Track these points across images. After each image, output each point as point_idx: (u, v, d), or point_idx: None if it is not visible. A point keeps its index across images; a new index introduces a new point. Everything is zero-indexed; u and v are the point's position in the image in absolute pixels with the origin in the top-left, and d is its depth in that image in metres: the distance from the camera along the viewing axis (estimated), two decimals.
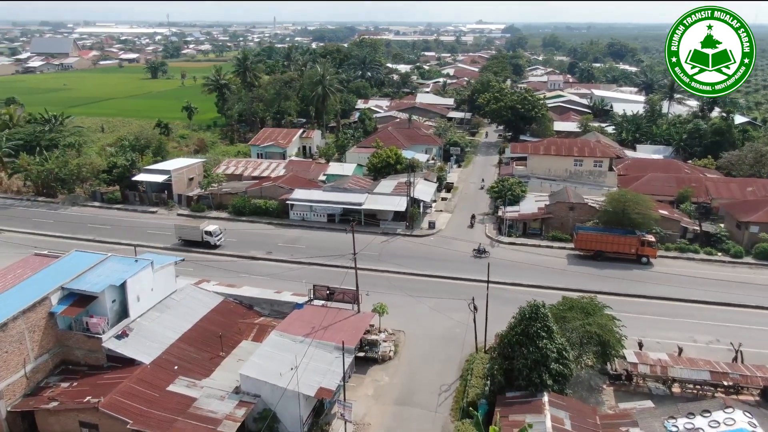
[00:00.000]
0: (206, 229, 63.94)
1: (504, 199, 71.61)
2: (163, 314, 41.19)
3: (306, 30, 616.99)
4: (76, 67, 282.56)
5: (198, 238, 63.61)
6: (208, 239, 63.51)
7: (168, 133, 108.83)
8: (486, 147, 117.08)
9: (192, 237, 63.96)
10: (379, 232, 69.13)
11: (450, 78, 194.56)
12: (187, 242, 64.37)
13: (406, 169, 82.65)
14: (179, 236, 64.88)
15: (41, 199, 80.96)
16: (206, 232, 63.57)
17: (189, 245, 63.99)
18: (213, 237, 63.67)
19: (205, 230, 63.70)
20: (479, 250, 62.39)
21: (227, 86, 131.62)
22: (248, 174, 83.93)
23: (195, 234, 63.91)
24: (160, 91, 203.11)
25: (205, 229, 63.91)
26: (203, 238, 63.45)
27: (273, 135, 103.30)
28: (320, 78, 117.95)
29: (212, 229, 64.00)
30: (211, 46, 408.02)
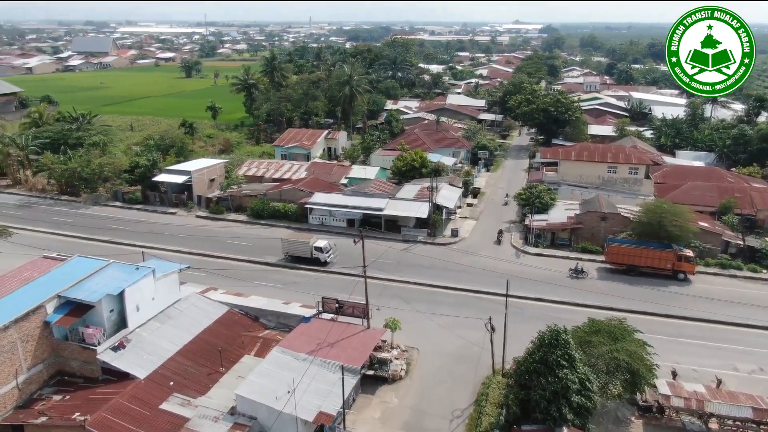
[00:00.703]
0: (316, 244, 59.17)
1: (531, 207, 68.15)
2: (164, 325, 39.51)
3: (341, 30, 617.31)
4: (114, 66, 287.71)
5: (307, 254, 59.15)
6: (317, 255, 58.85)
7: (192, 133, 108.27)
8: (517, 150, 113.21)
9: (300, 253, 59.45)
10: (400, 239, 66.56)
11: (483, 79, 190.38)
12: (294, 258, 59.95)
13: (432, 173, 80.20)
14: (286, 251, 60.20)
15: (64, 198, 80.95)
16: (316, 248, 58.91)
17: (296, 261, 59.69)
18: (323, 253, 58.91)
19: (315, 246, 58.98)
20: (576, 270, 57.20)
21: (255, 86, 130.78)
22: (269, 176, 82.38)
23: (304, 249, 59.33)
24: (193, 90, 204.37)
25: (315, 244, 59.13)
26: (312, 254, 58.98)
27: (298, 136, 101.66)
28: (348, 78, 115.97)
29: (323, 245, 59.20)
30: (247, 46, 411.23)
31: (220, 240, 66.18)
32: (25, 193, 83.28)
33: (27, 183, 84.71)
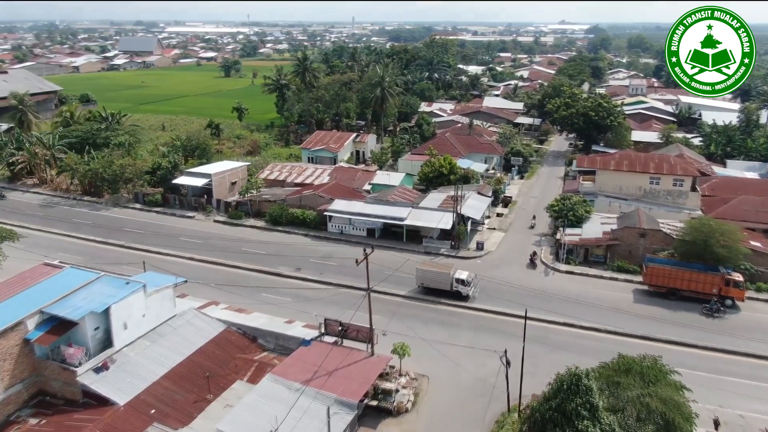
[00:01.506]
0: (458, 276, 52.12)
1: (564, 220, 63.44)
2: (153, 344, 37.02)
3: (383, 30, 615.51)
4: (157, 65, 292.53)
5: (446, 286, 52.15)
6: (459, 288, 51.84)
7: (219, 134, 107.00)
8: (554, 157, 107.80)
9: (438, 285, 52.41)
10: (421, 251, 62.88)
11: (523, 80, 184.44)
12: (430, 290, 53.04)
13: (460, 180, 76.35)
14: (421, 282, 53.29)
15: (86, 199, 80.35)
16: (457, 280, 51.89)
17: (432, 293, 52.74)
18: (466, 286, 51.91)
19: (456, 277, 52.03)
20: (713, 305, 49.64)
21: (287, 86, 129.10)
22: (291, 180, 79.85)
23: (442, 281, 52.40)
24: (230, 90, 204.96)
25: (457, 276, 52.14)
26: (453, 287, 52.09)
27: (325, 138, 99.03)
28: (379, 79, 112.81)
29: (465, 277, 52.12)
30: (288, 46, 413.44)
31: (234, 247, 63.81)
32: (50, 192, 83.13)
33: (52, 183, 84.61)
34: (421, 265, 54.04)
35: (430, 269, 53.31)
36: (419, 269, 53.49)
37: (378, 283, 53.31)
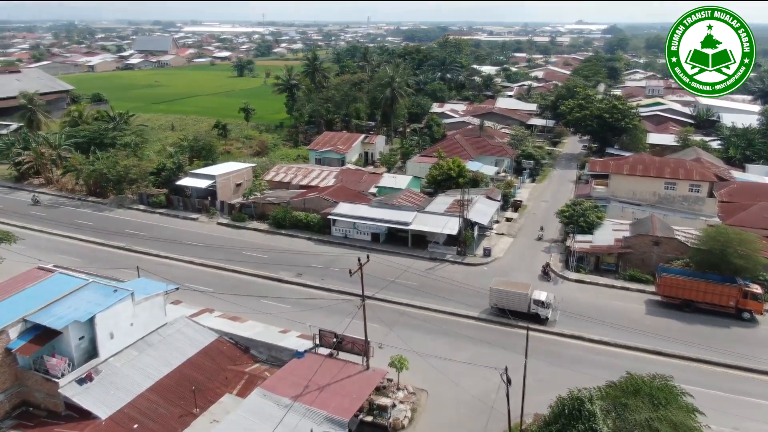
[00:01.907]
0: (536, 297, 47.94)
1: (574, 226, 61.33)
2: (141, 354, 35.76)
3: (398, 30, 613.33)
4: (171, 65, 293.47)
5: (523, 307, 47.80)
6: (537, 310, 47.71)
7: (226, 135, 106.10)
8: (567, 160, 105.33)
9: (514, 306, 47.85)
10: (426, 257, 61.18)
11: (537, 81, 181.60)
12: (504, 311, 48.17)
13: (469, 183, 74.56)
14: (495, 303, 49.08)
15: (91, 199, 79.72)
16: (536, 302, 47.74)
17: (506, 315, 47.66)
18: (545, 308, 47.62)
19: (534, 299, 47.94)
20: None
21: (297, 86, 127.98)
22: (297, 182, 78.52)
23: (519, 302, 48.02)
24: (243, 89, 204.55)
25: (535, 297, 47.97)
26: (530, 309, 47.90)
27: (333, 140, 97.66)
28: (389, 80, 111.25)
29: (544, 299, 47.86)
30: (303, 45, 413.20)
31: (236, 250, 62.56)
32: (55, 192, 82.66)
33: (57, 183, 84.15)
34: (496, 285, 49.23)
35: (505, 289, 48.62)
36: (493, 289, 48.84)
37: (379, 290, 51.86)
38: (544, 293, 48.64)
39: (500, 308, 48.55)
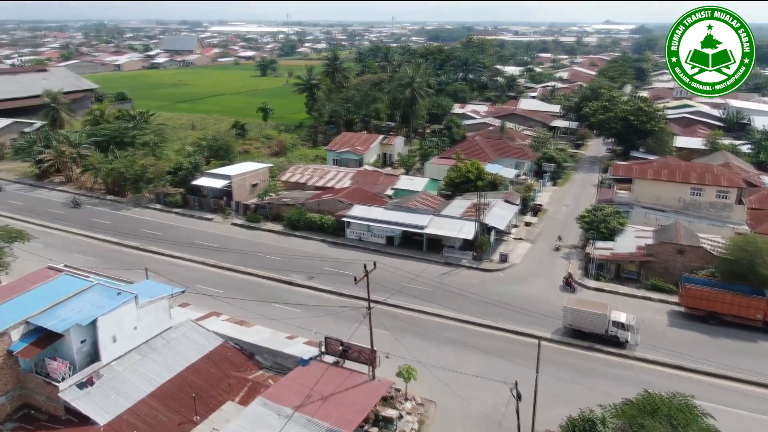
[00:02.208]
0: (615, 318, 44.30)
1: (595, 233, 59.43)
2: (144, 358, 35.23)
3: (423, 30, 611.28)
4: (196, 64, 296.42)
5: (600, 329, 44.36)
6: (616, 333, 43.99)
7: (244, 134, 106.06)
8: (590, 163, 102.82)
9: (590, 327, 44.61)
10: (441, 261, 59.87)
11: (562, 82, 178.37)
12: (579, 332, 45.36)
13: (488, 186, 73.07)
14: (569, 323, 45.58)
15: (109, 198, 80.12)
16: (615, 323, 44.08)
17: (582, 337, 45.08)
18: (625, 331, 43.83)
19: (613, 320, 44.26)
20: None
21: (317, 86, 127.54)
22: (312, 183, 77.84)
23: (596, 323, 44.41)
24: (265, 89, 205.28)
25: (614, 318, 44.31)
26: (608, 331, 44.28)
27: (351, 140, 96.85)
28: (409, 80, 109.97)
29: (625, 320, 44.14)
30: (327, 45, 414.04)
31: (249, 252, 62.03)
32: (75, 191, 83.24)
33: (77, 181, 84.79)
34: (570, 304, 45.87)
35: (581, 309, 45.01)
36: (567, 308, 45.43)
37: (391, 295, 50.89)
38: (623, 314, 44.82)
39: (576, 329, 45.26)
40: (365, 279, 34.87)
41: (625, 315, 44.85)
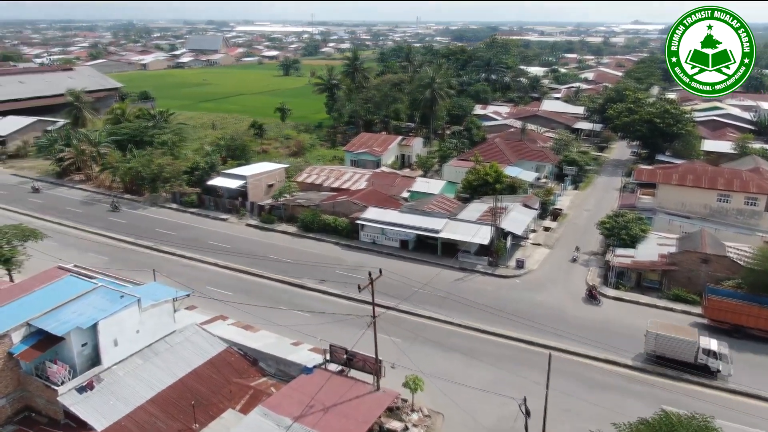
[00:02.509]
0: (705, 345, 40.46)
1: (615, 239, 57.52)
2: (146, 362, 34.71)
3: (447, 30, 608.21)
4: (220, 63, 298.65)
5: (688, 357, 40.66)
6: (706, 362, 40.19)
7: (261, 134, 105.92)
8: (614, 166, 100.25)
9: (677, 354, 40.91)
10: (456, 266, 58.52)
11: (587, 83, 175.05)
12: (664, 359, 41.55)
13: (506, 189, 71.57)
14: (652, 349, 41.88)
15: (127, 197, 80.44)
16: (705, 351, 40.26)
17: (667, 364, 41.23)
18: (716, 360, 40.03)
19: (703, 347, 40.43)
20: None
21: (337, 86, 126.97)
22: (328, 184, 77.07)
23: (684, 351, 40.80)
24: (287, 89, 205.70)
25: (704, 345, 40.48)
26: (697, 359, 40.49)
27: (369, 141, 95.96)
28: (429, 80, 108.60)
29: (716, 348, 40.32)
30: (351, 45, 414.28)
31: (262, 253, 61.52)
32: (93, 189, 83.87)
33: (96, 179, 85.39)
34: (654, 328, 42.14)
35: (667, 334, 41.31)
36: (651, 333, 41.80)
37: (402, 300, 49.82)
38: (714, 341, 41.05)
39: (660, 356, 41.54)
40: (371, 288, 33.57)
41: (716, 342, 41.01)
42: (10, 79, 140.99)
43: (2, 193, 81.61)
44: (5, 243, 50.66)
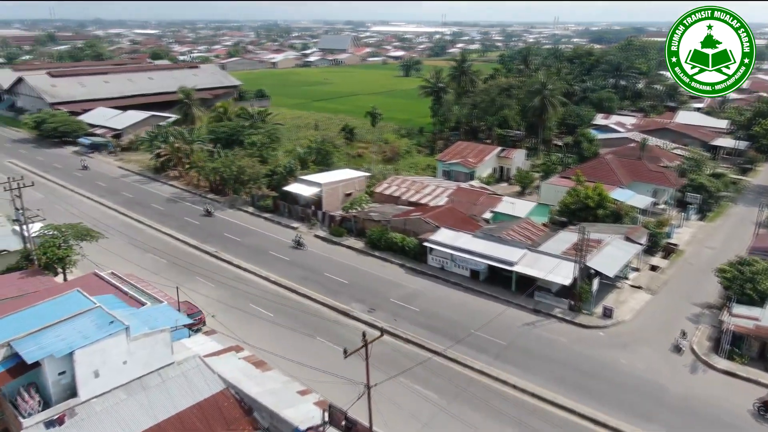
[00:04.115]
0: None
1: (736, 293, 45.82)
2: (130, 398, 31.22)
3: (587, 31, 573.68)
4: (345, 63, 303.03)
5: None
6: None
7: (352, 138, 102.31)
8: (757, 193, 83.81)
9: None
10: (530, 307, 50.04)
11: (739, 92, 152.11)
12: None
13: (610, 216, 61.70)
14: None
15: (210, 197, 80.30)
16: None
17: None
18: None
19: None
20: None
21: (444, 90, 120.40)
22: (407, 198, 71.17)
23: None
24: (403, 90, 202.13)
25: None
26: None
27: (464, 151, 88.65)
28: (540, 86, 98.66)
29: None
30: (481, 46, 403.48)
31: (319, 270, 57.29)
32: (182, 187, 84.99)
33: (185, 177, 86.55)
34: None
35: None
36: None
37: (455, 343, 43.08)
38: None
39: None
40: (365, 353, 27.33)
41: None
42: (142, 75, 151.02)
43: (101, 185, 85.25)
44: (62, 242, 50.71)
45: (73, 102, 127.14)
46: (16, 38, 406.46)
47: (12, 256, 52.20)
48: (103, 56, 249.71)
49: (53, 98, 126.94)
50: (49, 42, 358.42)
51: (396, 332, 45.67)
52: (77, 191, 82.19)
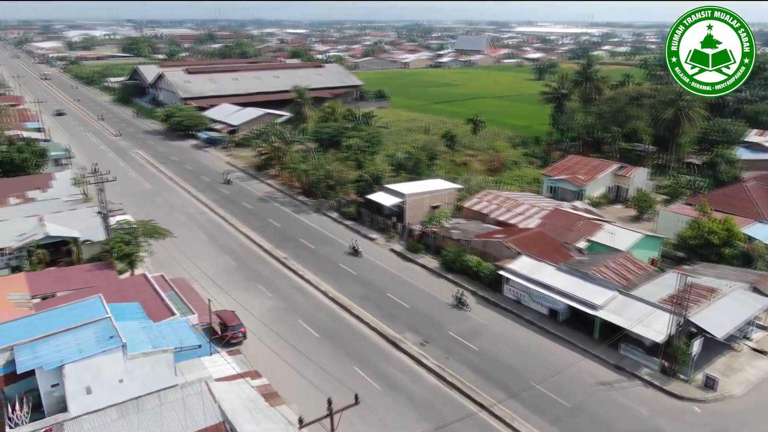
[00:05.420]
0: None
1: None
2: (122, 419, 29.55)
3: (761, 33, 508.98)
4: (478, 64, 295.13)
5: None
6: None
7: (453, 145, 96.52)
8: None
9: None
10: (612, 362, 42.11)
11: None
12: None
13: (738, 258, 51.73)
14: None
15: (300, 199, 79.54)
16: None
17: None
18: None
19: None
20: None
21: (567, 96, 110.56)
22: (495, 216, 64.66)
23: None
24: (532, 94, 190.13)
25: None
26: None
27: (575, 167, 79.61)
28: (674, 96, 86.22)
29: None
30: (631, 48, 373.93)
31: (382, 289, 53.33)
32: (277, 186, 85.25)
33: (281, 177, 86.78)
34: None
35: None
36: None
37: (510, 397, 37.34)
38: None
39: None
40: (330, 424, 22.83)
41: None
42: (268, 73, 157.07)
43: (205, 180, 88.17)
44: (132, 239, 51.69)
45: (201, 98, 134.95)
46: (182, 36, 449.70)
47: (96, 247, 54.26)
48: (247, 54, 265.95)
49: (186, 93, 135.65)
50: (209, 40, 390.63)
51: (443, 375, 40.41)
52: (181, 184, 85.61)
